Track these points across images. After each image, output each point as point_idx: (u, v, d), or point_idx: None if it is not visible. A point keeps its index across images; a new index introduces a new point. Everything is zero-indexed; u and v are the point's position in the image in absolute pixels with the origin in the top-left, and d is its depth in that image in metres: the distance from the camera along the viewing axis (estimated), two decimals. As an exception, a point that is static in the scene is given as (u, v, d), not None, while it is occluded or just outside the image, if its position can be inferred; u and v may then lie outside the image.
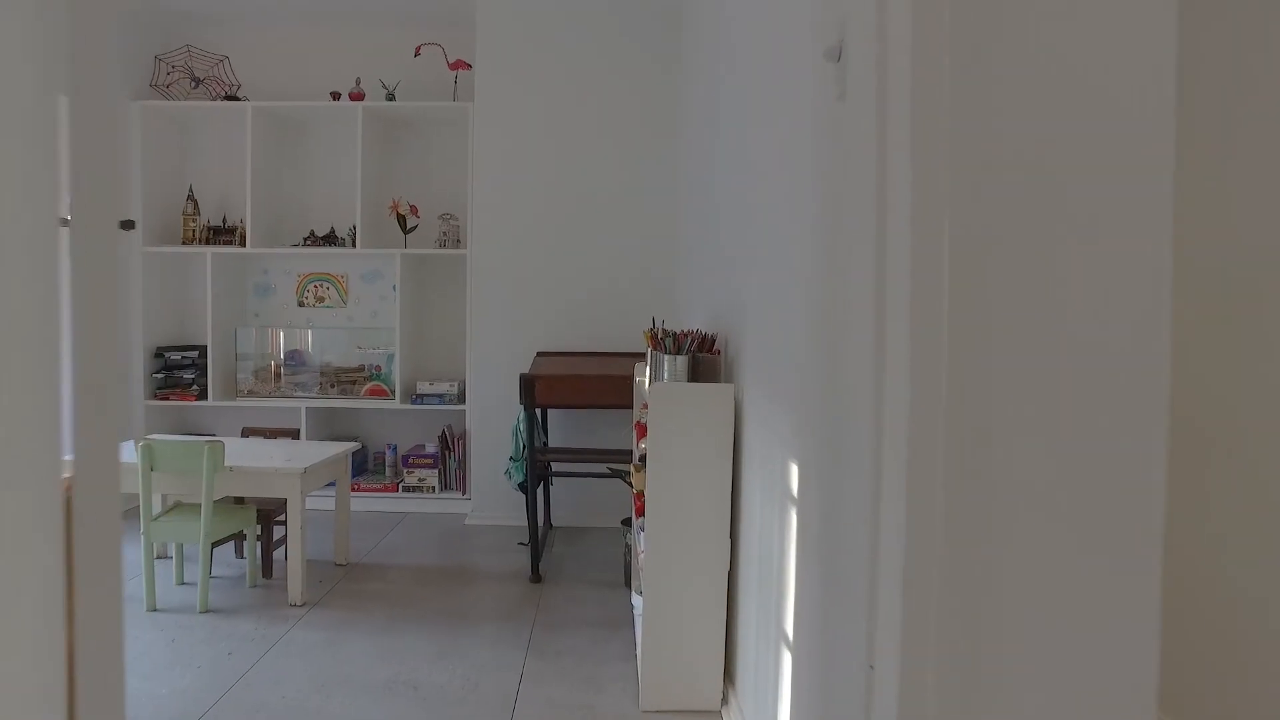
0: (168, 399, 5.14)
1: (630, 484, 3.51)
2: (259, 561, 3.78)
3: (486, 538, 4.65)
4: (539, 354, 4.78)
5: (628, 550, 3.76)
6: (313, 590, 3.66)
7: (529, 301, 4.86)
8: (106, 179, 0.85)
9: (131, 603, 3.44)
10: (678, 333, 2.78)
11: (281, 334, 5.44)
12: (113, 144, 0.87)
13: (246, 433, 4.23)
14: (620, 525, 4.33)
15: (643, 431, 3.22)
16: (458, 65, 5.02)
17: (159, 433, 5.19)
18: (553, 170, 4.83)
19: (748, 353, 2.45)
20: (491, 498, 4.89)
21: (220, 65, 5.25)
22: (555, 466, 4.56)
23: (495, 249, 4.87)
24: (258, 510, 3.68)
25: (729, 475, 2.55)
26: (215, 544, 3.52)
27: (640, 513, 3.12)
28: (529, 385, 3.75)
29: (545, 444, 4.60)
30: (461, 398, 5.13)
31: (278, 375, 5.36)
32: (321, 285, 5.47)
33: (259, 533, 3.75)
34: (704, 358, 2.69)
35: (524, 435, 4.15)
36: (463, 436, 5.16)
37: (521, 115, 4.83)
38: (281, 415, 5.37)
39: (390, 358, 5.18)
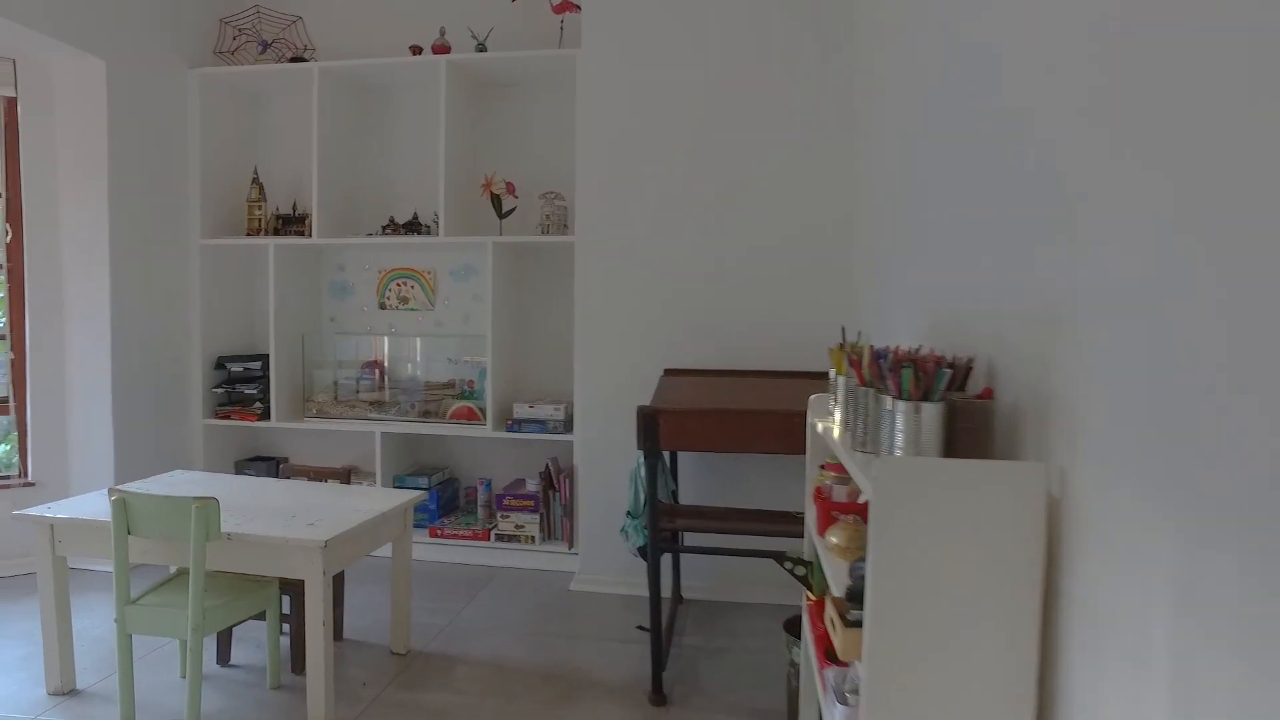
0: (228, 418, 4.33)
1: (807, 585, 2.27)
2: (283, 652, 2.80)
3: (596, 613, 3.52)
4: (667, 372, 3.60)
5: (793, 672, 2.53)
6: (348, 706, 2.64)
7: (655, 302, 3.69)
8: None
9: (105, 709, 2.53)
10: (916, 355, 1.52)
11: (359, 342, 4.53)
12: None
13: (287, 472, 3.28)
14: (783, 630, 3.07)
15: (827, 512, 1.97)
16: (564, 7, 3.93)
17: (221, 458, 4.39)
18: (686, 131, 3.65)
19: (1081, 397, 1.17)
20: (604, 555, 3.76)
21: (292, 27, 4.40)
22: (689, 536, 3.37)
23: (611, 234, 3.73)
24: (282, 580, 2.70)
25: (1034, 646, 1.27)
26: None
27: (827, 653, 1.87)
28: (650, 422, 2.58)
29: (674, 496, 3.42)
30: (569, 425, 4.04)
31: (355, 391, 4.46)
32: (405, 283, 4.52)
33: (285, 612, 2.77)
34: (964, 403, 1.42)
35: (644, 487, 2.99)
36: (570, 474, 4.07)
37: (645, 63, 3.67)
38: (353, 441, 4.47)
39: (485, 372, 4.16)
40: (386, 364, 4.50)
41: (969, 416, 1.43)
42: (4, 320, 3.90)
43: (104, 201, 3.78)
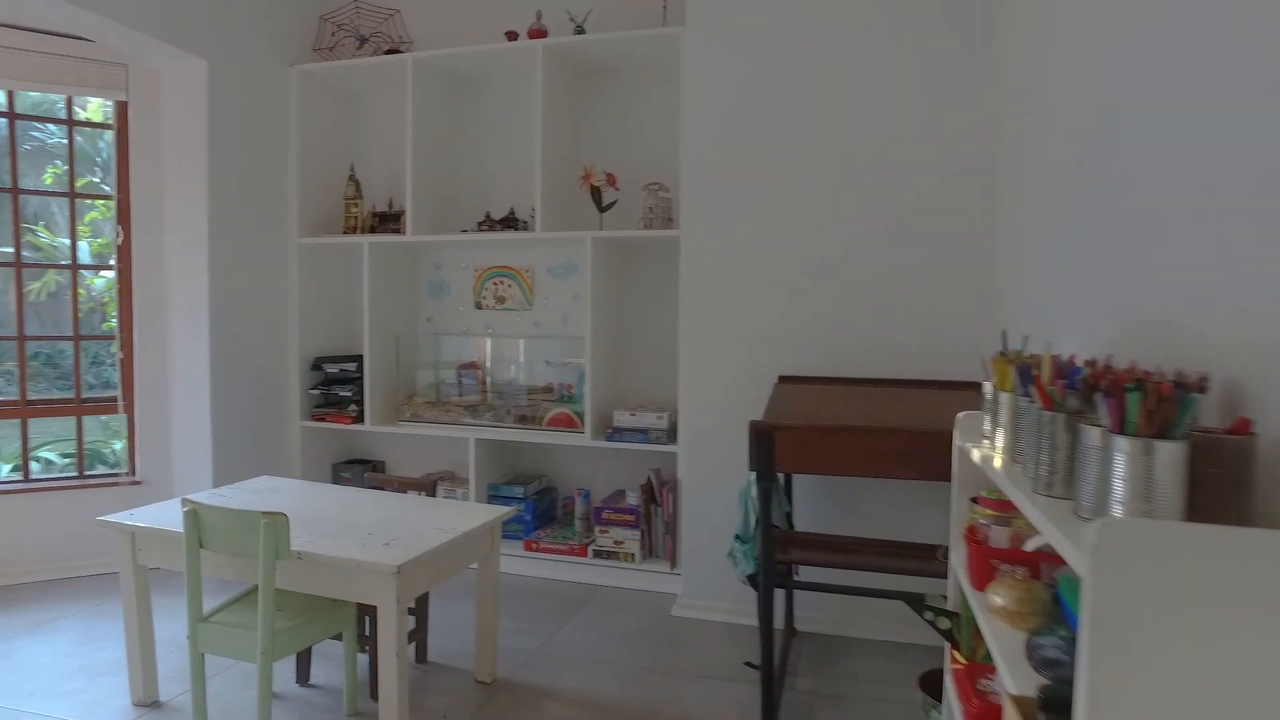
0: (324, 420, 4.24)
1: (953, 642, 1.88)
2: (365, 671, 2.61)
3: (699, 644, 3.19)
4: (782, 380, 3.24)
5: (932, 738, 2.13)
6: (429, 740, 2.42)
7: (767, 300, 3.34)
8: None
9: (183, 737, 2.40)
10: (1137, 373, 1.13)
11: (455, 344, 4.37)
12: None
13: (372, 481, 3.11)
14: (919, 688, 2.68)
15: (984, 560, 1.59)
16: (670, -19, 3.63)
17: (318, 461, 4.32)
18: (802, 112, 3.27)
19: None
20: (709, 578, 3.43)
21: (389, 20, 4.28)
22: (804, 568, 3.00)
23: (719, 226, 3.40)
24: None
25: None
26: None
27: (970, 692, 1.49)
28: (765, 440, 2.23)
29: (789, 519, 3.05)
30: (672, 434, 3.73)
31: (452, 395, 4.30)
32: (502, 282, 4.32)
33: (366, 632, 2.58)
34: (1209, 440, 1.02)
35: (755, 509, 2.66)
36: (674, 487, 3.76)
37: (754, 39, 3.32)
38: (448, 446, 4.31)
39: (584, 376, 3.90)
40: (482, 367, 4.32)
41: (1216, 458, 1.03)
42: (115, 320, 3.93)
43: (203, 201, 3.74)
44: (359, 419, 4.16)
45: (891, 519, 3.09)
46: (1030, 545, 1.48)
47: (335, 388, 4.26)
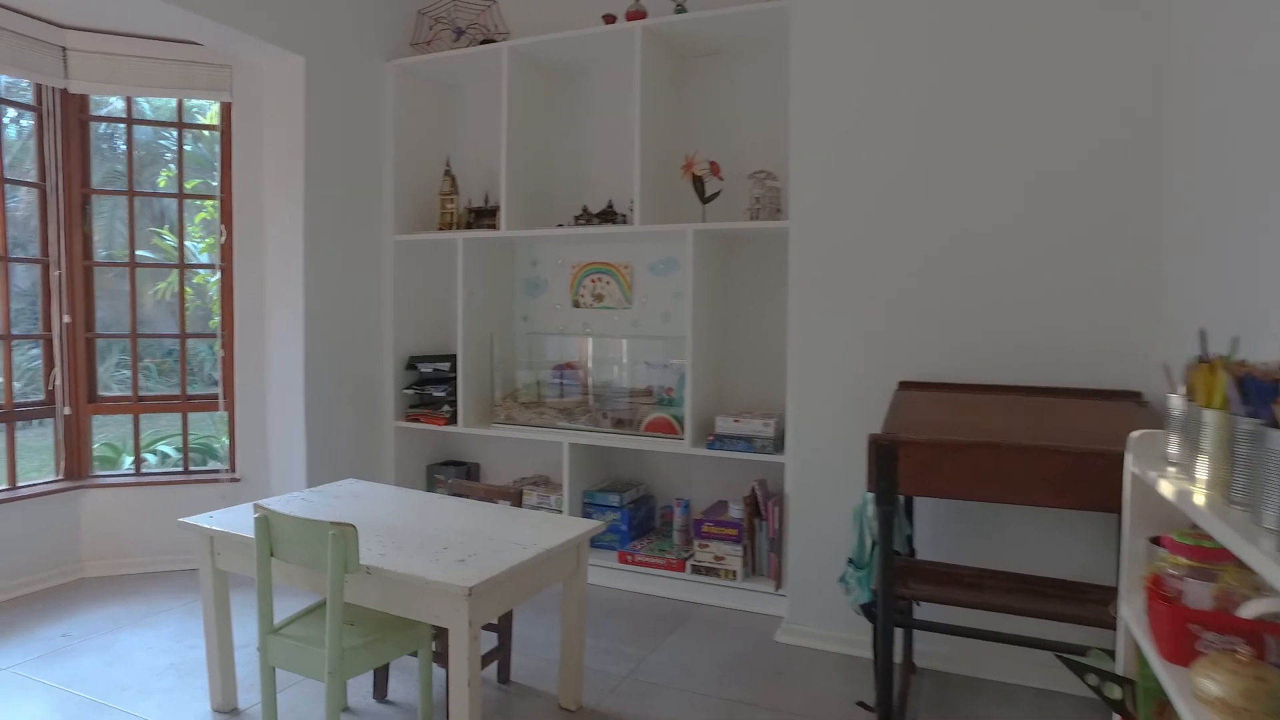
0: (417, 420, 4.16)
1: (1126, 716, 1.52)
2: (436, 696, 2.44)
3: (806, 676, 2.88)
4: (903, 385, 2.89)
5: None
6: (506, 774, 2.22)
7: (887, 296, 2.99)
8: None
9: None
10: None
11: (551, 343, 4.21)
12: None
13: (456, 488, 2.95)
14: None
15: (1181, 625, 1.23)
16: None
17: (413, 462, 4.25)
18: (926, 88, 2.90)
19: None
20: (818, 602, 3.11)
21: (487, 11, 4.16)
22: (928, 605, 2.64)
23: (833, 216, 3.07)
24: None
25: None
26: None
27: None
28: (887, 457, 1.91)
29: (910, 543, 2.70)
30: (780, 444, 3.43)
31: (546, 396, 4.13)
32: (600, 279, 4.12)
33: (435, 651, 2.41)
34: None
35: (873, 532, 2.34)
36: (780, 500, 3.46)
37: (874, 7, 2.97)
38: (543, 449, 4.15)
39: (684, 379, 3.65)
40: (579, 368, 4.13)
41: None
42: (218, 319, 3.97)
43: (299, 199, 3.71)
44: (452, 420, 4.05)
45: (1031, 549, 2.69)
46: (1251, 611, 1.12)
47: (429, 388, 4.17)
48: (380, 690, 2.60)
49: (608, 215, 3.83)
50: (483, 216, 4.11)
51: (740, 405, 3.78)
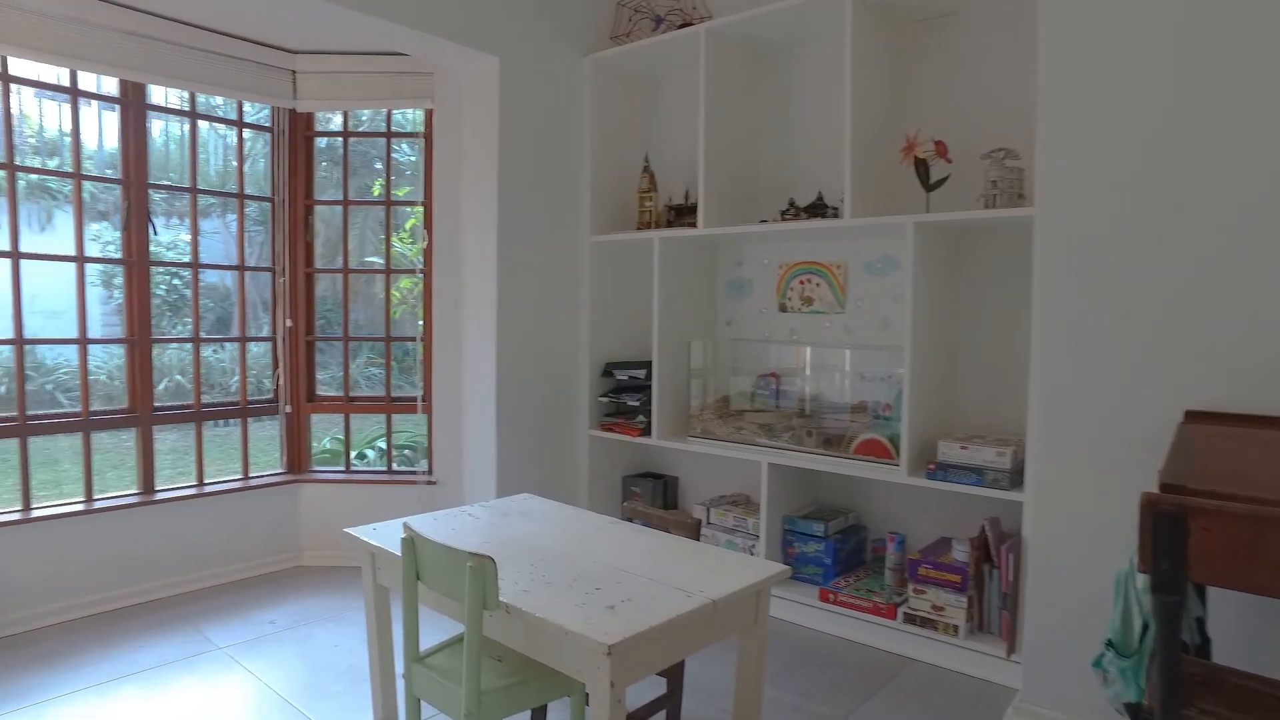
0: (611, 430, 3.97)
1: None
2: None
3: (1046, 778, 2.29)
4: (1189, 416, 2.20)
5: None
6: None
7: (1164, 300, 2.30)
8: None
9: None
10: None
11: (755, 350, 3.85)
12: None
13: (629, 511, 2.68)
14: None
15: None
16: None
17: (608, 472, 4.11)
18: (1225, 37, 2.19)
19: None
20: (1062, 677, 2.48)
21: (688, -1, 3.88)
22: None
23: (1091, 200, 2.43)
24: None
25: None
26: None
27: None
28: (1171, 529, 1.35)
29: (1201, 629, 2.03)
30: (1017, 477, 2.83)
31: (753, 408, 3.78)
32: (810, 280, 3.70)
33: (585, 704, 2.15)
34: None
35: (1144, 610, 1.77)
36: (1017, 546, 2.85)
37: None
38: (743, 466, 3.80)
39: (900, 395, 3.14)
40: (784, 379, 3.73)
41: None
42: (421, 323, 4.03)
43: (493, 201, 3.65)
44: (646, 431, 3.82)
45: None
46: None
47: (625, 396, 3.97)
48: (539, 726, 2.40)
49: (817, 209, 3.40)
50: (682, 214, 3.84)
51: (969, 428, 3.19)
